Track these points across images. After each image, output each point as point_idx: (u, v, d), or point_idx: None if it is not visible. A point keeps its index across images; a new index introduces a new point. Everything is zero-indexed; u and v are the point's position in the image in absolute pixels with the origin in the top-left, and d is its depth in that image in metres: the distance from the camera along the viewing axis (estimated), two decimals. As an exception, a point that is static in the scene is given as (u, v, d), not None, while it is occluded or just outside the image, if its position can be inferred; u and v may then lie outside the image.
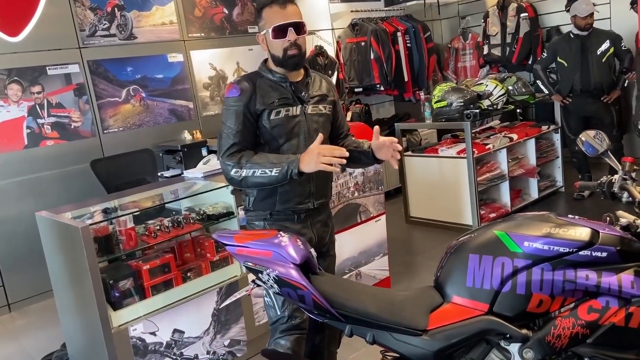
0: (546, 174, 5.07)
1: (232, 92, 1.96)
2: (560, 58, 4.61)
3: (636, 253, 1.44)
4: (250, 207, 2.07)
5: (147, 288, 2.51)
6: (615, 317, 1.39)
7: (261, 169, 1.86)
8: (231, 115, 1.95)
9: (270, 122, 1.95)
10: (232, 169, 1.90)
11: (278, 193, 1.98)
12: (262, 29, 1.98)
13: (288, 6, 1.94)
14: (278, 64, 1.97)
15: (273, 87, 1.99)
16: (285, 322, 1.98)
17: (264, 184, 1.89)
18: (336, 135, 2.18)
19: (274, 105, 1.96)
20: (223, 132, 1.96)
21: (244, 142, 1.94)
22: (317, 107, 2.05)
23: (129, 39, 4.40)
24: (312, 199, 2.04)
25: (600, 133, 1.75)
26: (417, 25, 6.02)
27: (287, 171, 1.83)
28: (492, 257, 1.49)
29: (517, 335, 1.44)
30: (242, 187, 1.98)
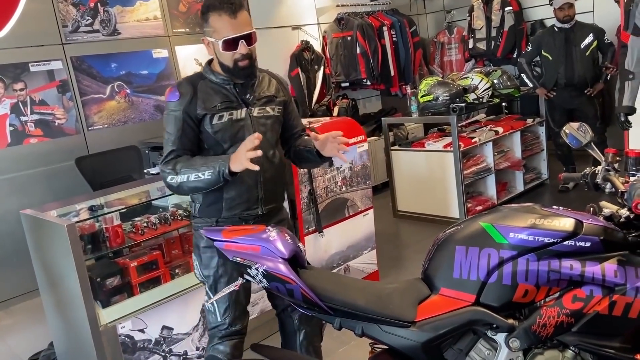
0: (531, 166, 5.12)
1: (172, 97, 1.88)
2: (544, 51, 4.65)
3: (619, 242, 1.46)
4: (196, 214, 2.00)
5: (135, 285, 2.50)
6: (599, 306, 1.41)
7: (195, 173, 1.80)
8: (171, 120, 1.87)
9: (213, 126, 1.88)
10: (168, 175, 1.84)
11: (224, 199, 1.92)
12: (208, 34, 1.87)
13: (238, 15, 1.82)
14: (227, 72, 1.89)
15: (215, 89, 1.91)
16: (225, 329, 1.97)
17: (201, 188, 1.83)
18: (289, 136, 2.11)
19: (216, 109, 1.88)
20: (164, 139, 1.89)
21: (183, 149, 1.87)
22: (264, 109, 1.97)
23: (112, 35, 4.35)
24: (260, 204, 1.97)
25: (584, 125, 1.78)
26: (403, 20, 6.04)
27: (218, 172, 1.77)
28: (479, 249, 1.51)
29: (504, 325, 1.46)
30: (182, 194, 1.94)
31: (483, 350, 1.51)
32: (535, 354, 1.48)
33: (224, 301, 1.96)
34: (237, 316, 1.99)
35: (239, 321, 1.99)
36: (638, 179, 1.47)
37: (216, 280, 1.97)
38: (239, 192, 1.92)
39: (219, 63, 1.90)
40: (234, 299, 1.97)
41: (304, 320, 2.08)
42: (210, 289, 1.99)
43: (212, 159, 1.82)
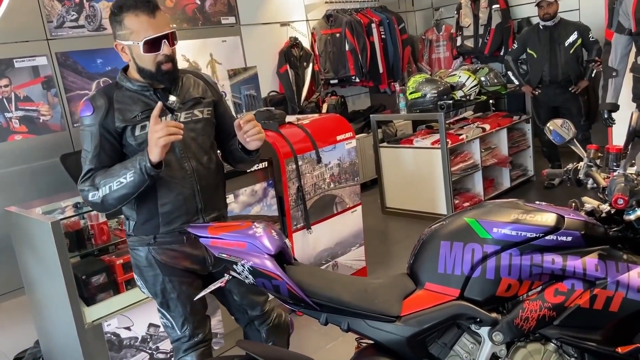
0: (518, 163, 5.17)
1: (85, 111, 1.73)
2: (529, 49, 4.70)
3: (600, 237, 1.49)
4: (131, 232, 1.86)
5: (120, 283, 2.48)
6: (581, 299, 1.43)
7: (116, 180, 1.66)
8: (87, 137, 1.72)
9: (136, 138, 1.73)
10: (88, 193, 1.70)
11: (160, 214, 1.80)
12: (123, 38, 1.71)
13: (157, 14, 1.69)
14: (149, 77, 1.74)
15: (134, 98, 1.75)
16: (187, 341, 1.92)
17: (128, 195, 1.68)
18: (224, 138, 1.97)
19: (136, 119, 1.73)
20: (82, 157, 1.75)
21: (102, 167, 1.73)
22: (192, 112, 1.82)
23: (98, 30, 4.31)
24: (201, 215, 1.85)
25: (567, 122, 1.79)
26: (392, 17, 6.05)
27: (140, 169, 1.63)
28: (463, 244, 1.52)
29: (487, 319, 1.48)
30: (110, 209, 1.74)
31: (467, 344, 1.53)
32: (518, 347, 1.50)
33: (179, 315, 1.90)
34: (197, 326, 1.93)
35: (199, 330, 1.93)
36: (618, 175, 1.49)
37: (166, 298, 1.89)
38: (176, 204, 1.80)
39: (137, 69, 1.74)
40: (188, 310, 1.90)
41: (272, 333, 2.06)
42: (162, 306, 1.92)
43: (129, 161, 1.69)
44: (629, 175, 1.48)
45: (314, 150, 3.10)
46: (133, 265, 1.93)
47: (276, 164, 3.02)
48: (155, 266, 1.86)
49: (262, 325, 2.06)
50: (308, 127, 3.16)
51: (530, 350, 1.49)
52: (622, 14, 2.75)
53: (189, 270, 1.90)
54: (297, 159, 3.03)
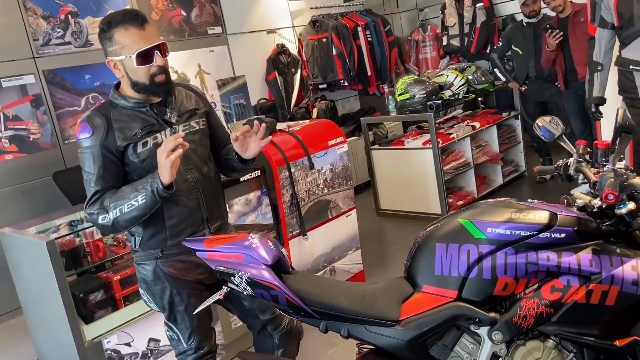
0: (509, 159, 5.20)
1: (83, 132, 1.70)
2: (514, 46, 4.74)
3: (593, 232, 1.50)
4: (137, 248, 1.85)
5: (119, 299, 2.48)
6: (577, 295, 1.44)
7: (127, 203, 1.65)
8: (87, 158, 1.70)
9: (139, 155, 1.73)
10: (98, 216, 1.68)
11: (167, 227, 1.80)
12: (114, 54, 1.71)
13: (146, 26, 1.70)
14: (143, 91, 1.73)
15: (131, 116, 1.75)
16: (193, 354, 1.93)
17: (139, 217, 1.68)
18: (216, 147, 1.98)
19: (137, 137, 1.73)
20: (84, 180, 1.73)
21: (108, 188, 1.71)
22: (189, 124, 1.84)
23: (85, 46, 4.30)
24: (207, 225, 1.87)
25: (555, 118, 1.81)
26: (377, 20, 6.08)
27: (152, 191, 1.64)
28: (458, 245, 1.53)
29: (486, 318, 1.49)
30: (120, 231, 1.76)
31: (467, 344, 1.54)
32: (518, 346, 1.51)
33: (186, 327, 1.90)
34: (203, 338, 1.94)
35: (205, 343, 1.94)
36: (608, 170, 1.51)
37: (174, 311, 1.90)
38: (182, 216, 1.81)
39: (131, 84, 1.73)
40: (196, 323, 1.91)
41: (284, 339, 2.05)
42: (169, 320, 1.92)
43: (139, 183, 1.69)
44: (618, 170, 1.50)
45: (306, 157, 3.11)
46: (139, 280, 1.92)
47: (269, 172, 3.02)
48: (164, 279, 1.85)
49: (275, 331, 2.04)
50: (299, 133, 3.17)
51: (530, 348, 1.50)
52: (604, 8, 2.78)
53: (196, 281, 1.90)
54: (289, 166, 3.04)
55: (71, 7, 4.23)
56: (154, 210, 1.70)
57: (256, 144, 1.83)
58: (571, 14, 4.25)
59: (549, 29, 4.31)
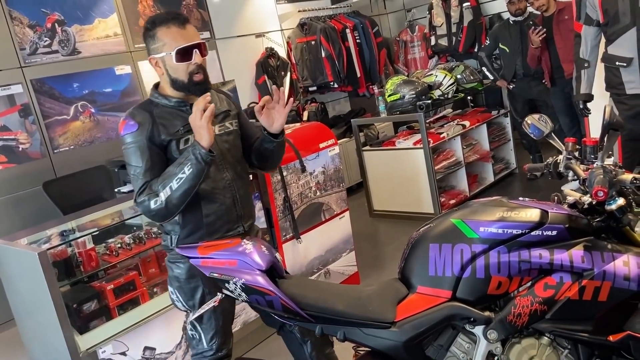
0: (500, 157, 5.23)
1: (128, 128, 1.75)
2: (501, 44, 4.77)
3: (584, 229, 1.51)
4: (173, 247, 1.88)
5: (113, 308, 2.47)
6: (570, 292, 1.45)
7: (175, 178, 1.69)
8: (134, 153, 1.74)
9: (181, 152, 1.77)
10: (149, 202, 1.71)
11: (205, 225, 1.84)
12: (156, 51, 1.78)
13: (187, 26, 1.78)
14: (181, 89, 1.80)
15: (173, 114, 1.81)
16: (212, 355, 1.93)
17: (190, 190, 1.71)
18: (249, 146, 2.03)
19: (179, 133, 1.79)
20: (131, 174, 1.76)
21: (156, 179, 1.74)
22: (224, 125, 1.91)
23: (72, 54, 4.28)
24: (241, 222, 1.92)
25: (544, 116, 1.83)
26: (365, 21, 6.10)
27: (196, 158, 1.68)
28: (451, 245, 1.54)
29: (481, 317, 1.49)
30: (174, 211, 1.74)
31: (463, 344, 1.55)
32: (513, 344, 1.52)
33: (210, 328, 1.91)
34: (223, 341, 1.94)
35: (224, 346, 1.95)
36: (597, 167, 1.52)
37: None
38: (219, 213, 1.86)
39: (171, 82, 1.80)
40: (220, 324, 1.92)
41: (305, 332, 1.99)
42: (195, 319, 1.92)
43: (180, 159, 1.73)
44: (607, 166, 1.52)
45: (297, 160, 3.11)
46: (171, 278, 1.92)
47: (261, 176, 3.02)
48: (197, 278, 1.86)
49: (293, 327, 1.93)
50: (290, 136, 3.17)
51: (525, 346, 1.51)
52: (590, 6, 2.81)
53: None
54: (281, 169, 3.04)
55: (58, 16, 4.21)
56: (201, 180, 1.73)
57: (281, 113, 1.87)
58: (555, 12, 4.29)
59: (532, 26, 4.36)
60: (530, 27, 4.39)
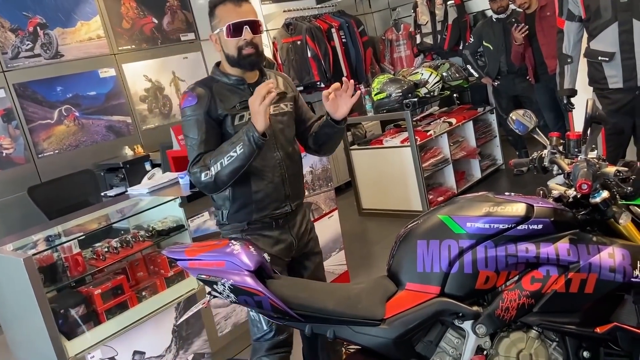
0: (486, 153, 5.27)
1: (189, 101, 1.86)
2: (485, 42, 4.81)
3: (569, 222, 1.52)
4: (224, 221, 1.96)
5: (101, 313, 2.44)
6: (557, 285, 1.46)
7: (227, 155, 1.77)
8: (192, 125, 1.85)
9: (235, 127, 1.86)
10: (200, 174, 1.80)
11: (254, 201, 1.91)
12: (215, 27, 1.89)
13: (243, 4, 1.86)
14: (233, 64, 1.88)
15: (231, 90, 1.90)
16: (271, 338, 1.90)
17: (239, 168, 1.78)
18: (305, 129, 2.09)
19: (235, 109, 1.87)
20: (188, 145, 1.87)
21: (210, 152, 1.83)
22: (279, 106, 1.96)
23: (55, 58, 4.23)
24: (288, 201, 1.97)
25: (528, 111, 1.84)
26: (350, 20, 6.10)
27: (249, 140, 1.75)
28: (439, 241, 1.54)
29: (469, 312, 1.50)
30: (221, 187, 1.83)
31: (452, 339, 1.55)
32: (502, 338, 1.52)
33: None
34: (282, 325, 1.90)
35: (285, 328, 1.92)
36: (581, 160, 1.54)
37: None
38: (268, 191, 1.91)
39: (226, 58, 1.89)
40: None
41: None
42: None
43: (234, 137, 1.80)
44: (591, 160, 1.53)
45: (285, 160, 3.10)
46: None
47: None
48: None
49: None
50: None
51: (514, 340, 1.52)
52: (571, 1, 2.83)
53: (277, 256, 1.96)
54: (269, 170, 3.03)
55: (40, 19, 4.16)
56: (252, 160, 1.79)
57: (347, 101, 1.91)
58: (537, 9, 4.33)
59: (515, 23, 4.39)
60: (512, 24, 4.43)
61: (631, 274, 1.45)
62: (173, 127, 3.45)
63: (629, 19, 2.62)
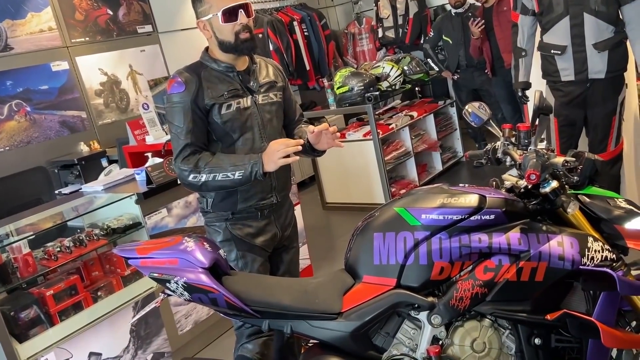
0: (447, 146, 5.35)
1: (176, 88, 1.81)
2: (445, 36, 4.87)
3: (520, 212, 1.55)
4: (209, 209, 1.94)
5: (54, 314, 2.37)
6: (508, 273, 1.49)
7: (222, 173, 1.77)
8: (178, 113, 1.80)
9: (222, 116, 1.83)
10: (189, 174, 1.78)
11: (239, 192, 1.89)
12: (203, 14, 1.83)
13: None
14: (229, 50, 1.83)
15: (220, 78, 1.85)
16: (251, 326, 1.87)
17: (226, 187, 1.81)
18: (289, 123, 2.08)
19: (223, 98, 1.83)
20: (172, 133, 1.83)
21: (197, 142, 1.82)
22: (268, 95, 1.93)
23: (4, 51, 4.04)
24: (274, 193, 1.96)
25: (483, 104, 1.86)
26: (312, 13, 6.07)
27: (250, 173, 1.76)
28: (395, 233, 1.55)
29: (425, 303, 1.51)
30: (202, 192, 1.88)
31: (409, 330, 1.56)
32: (456, 327, 1.54)
33: None
34: None
35: None
36: (530, 151, 1.57)
37: None
38: (254, 182, 1.87)
39: (218, 43, 1.83)
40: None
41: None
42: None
43: (240, 159, 1.79)
44: (540, 150, 1.56)
45: (245, 155, 3.07)
46: None
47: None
48: (232, 241, 1.93)
49: None
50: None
51: (468, 329, 1.54)
52: (526, -4, 2.89)
53: (261, 247, 1.96)
54: (229, 165, 2.98)
55: (-14, 10, 3.97)
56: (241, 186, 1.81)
57: (330, 143, 1.91)
58: (495, 4, 4.41)
59: (471, 17, 4.47)
60: (469, 18, 4.49)
61: (579, 262, 1.49)
62: (129, 122, 3.37)
63: (580, 13, 2.69)
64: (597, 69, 2.74)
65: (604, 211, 1.58)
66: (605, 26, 2.68)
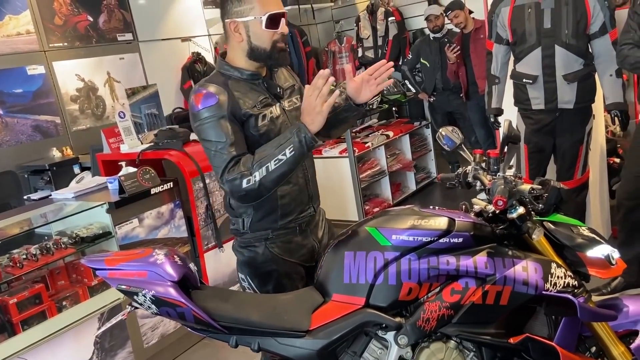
0: (421, 166, 5.43)
1: (207, 102, 1.60)
2: (422, 59, 4.98)
3: (488, 236, 1.59)
4: (246, 230, 1.77)
5: (16, 323, 2.31)
6: (474, 296, 1.52)
7: (273, 159, 1.55)
8: (214, 127, 1.59)
9: (259, 128, 1.66)
10: (241, 180, 1.56)
11: (279, 206, 1.74)
12: (240, 14, 1.64)
13: None
14: (261, 58, 1.68)
15: (247, 87, 1.69)
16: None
17: (287, 173, 1.58)
18: None
19: (257, 109, 1.66)
20: (212, 151, 1.61)
21: (244, 154, 1.61)
22: (292, 100, 1.80)
23: (-23, 51, 3.98)
24: (311, 204, 1.85)
25: (456, 128, 1.91)
26: (294, 30, 6.13)
27: (300, 142, 1.54)
28: (366, 253, 1.57)
29: (392, 323, 1.53)
30: (264, 194, 1.61)
31: (375, 350, 1.57)
32: (422, 348, 1.56)
33: None
34: None
35: None
36: (498, 177, 1.61)
37: None
38: (294, 194, 1.77)
39: (250, 49, 1.66)
40: None
41: None
42: None
43: (281, 137, 1.58)
44: (508, 177, 1.61)
45: (221, 168, 3.06)
46: (243, 264, 1.82)
47: (182, 184, 2.95)
48: (271, 262, 1.77)
49: None
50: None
51: (433, 350, 1.56)
52: (500, 25, 2.99)
53: (299, 263, 1.83)
54: (204, 177, 2.98)
55: (-39, 9, 3.91)
56: (300, 164, 1.63)
57: (372, 90, 1.73)
58: (472, 31, 4.54)
59: (447, 42, 4.59)
60: (445, 44, 4.62)
61: (542, 287, 1.53)
62: (104, 130, 3.34)
63: (551, 45, 2.79)
64: (567, 99, 2.84)
65: (568, 238, 1.63)
66: (575, 58, 2.79)
